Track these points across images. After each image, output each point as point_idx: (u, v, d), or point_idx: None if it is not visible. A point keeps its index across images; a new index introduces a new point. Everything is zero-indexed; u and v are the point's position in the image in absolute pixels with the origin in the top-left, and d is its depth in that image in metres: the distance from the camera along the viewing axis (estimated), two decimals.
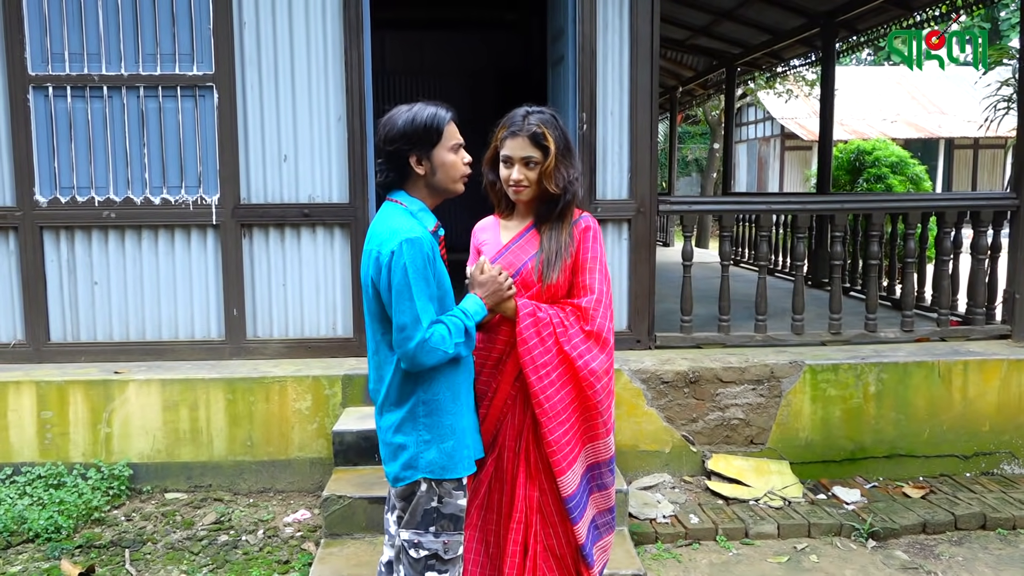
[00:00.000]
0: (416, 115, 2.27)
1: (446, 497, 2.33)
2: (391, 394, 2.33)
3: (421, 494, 2.33)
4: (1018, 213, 5.13)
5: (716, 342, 5.00)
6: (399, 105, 2.32)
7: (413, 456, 2.31)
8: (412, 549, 2.34)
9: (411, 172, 2.31)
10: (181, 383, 4.41)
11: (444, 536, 2.35)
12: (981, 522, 4.09)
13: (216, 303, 4.73)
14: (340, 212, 4.68)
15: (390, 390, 2.32)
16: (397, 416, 2.32)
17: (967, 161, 24.52)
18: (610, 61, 4.78)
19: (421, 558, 2.33)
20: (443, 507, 2.34)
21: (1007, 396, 4.74)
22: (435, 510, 2.33)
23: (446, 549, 2.35)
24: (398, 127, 2.26)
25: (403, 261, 2.17)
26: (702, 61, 11.33)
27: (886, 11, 7.49)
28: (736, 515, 4.11)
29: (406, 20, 9.52)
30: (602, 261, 2.53)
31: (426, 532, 2.33)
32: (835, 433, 4.66)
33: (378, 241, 2.24)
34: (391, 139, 2.26)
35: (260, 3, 4.59)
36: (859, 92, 24.54)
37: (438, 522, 2.34)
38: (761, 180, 26.65)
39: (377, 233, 2.26)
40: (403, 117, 2.27)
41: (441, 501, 2.33)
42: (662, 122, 16.02)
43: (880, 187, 10.52)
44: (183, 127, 4.62)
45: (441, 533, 2.34)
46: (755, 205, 6.21)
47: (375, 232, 2.28)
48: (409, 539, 2.34)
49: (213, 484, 4.45)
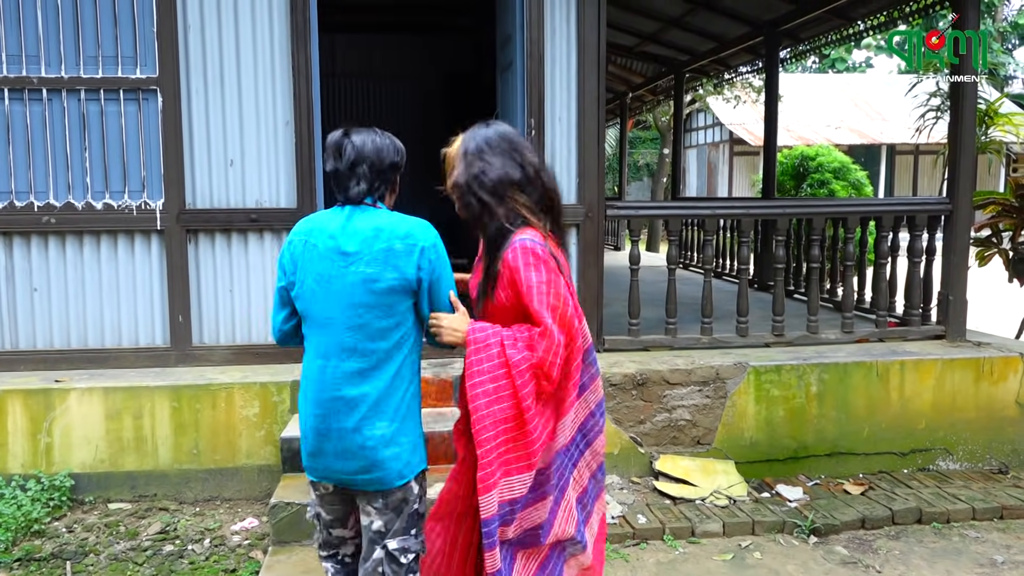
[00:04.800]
0: (399, 145, 2.42)
1: (425, 491, 2.40)
2: (384, 402, 2.28)
3: (413, 498, 2.35)
4: (951, 218, 5.32)
5: (664, 345, 5.09)
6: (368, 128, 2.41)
7: (407, 463, 2.31)
8: (402, 556, 2.34)
9: (393, 190, 2.45)
10: (125, 391, 4.34)
11: (420, 534, 2.40)
12: (917, 517, 4.23)
13: (161, 309, 4.66)
14: (288, 217, 4.64)
15: (383, 397, 2.27)
16: (390, 428, 2.28)
17: (908, 166, 25.24)
18: (558, 67, 4.84)
19: (408, 563, 2.35)
20: (421, 505, 2.39)
21: (941, 395, 4.90)
22: (416, 510, 2.38)
23: (423, 546, 2.40)
24: (395, 151, 2.39)
25: (442, 249, 2.33)
26: (651, 67, 11.50)
27: (827, 21, 7.70)
28: (683, 514, 4.18)
29: (357, 24, 9.49)
30: (548, 288, 2.21)
31: (410, 535, 2.36)
32: (779, 432, 4.77)
33: (403, 234, 2.28)
34: (394, 163, 2.38)
35: (205, 6, 4.54)
36: (805, 99, 25.13)
37: (418, 522, 2.39)
38: (711, 184, 27.09)
39: (392, 227, 2.29)
40: (394, 145, 2.40)
41: (421, 500, 2.39)
42: (613, 127, 16.20)
43: (823, 192, 10.82)
44: (126, 131, 4.55)
45: (420, 532, 2.40)
46: (700, 210, 6.33)
47: (386, 227, 2.29)
48: (398, 547, 2.34)
49: (158, 493, 4.38)
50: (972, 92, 5.32)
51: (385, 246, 2.26)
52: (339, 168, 2.34)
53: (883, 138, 24.14)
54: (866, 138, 24.27)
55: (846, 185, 11.11)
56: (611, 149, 21.42)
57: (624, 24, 9.18)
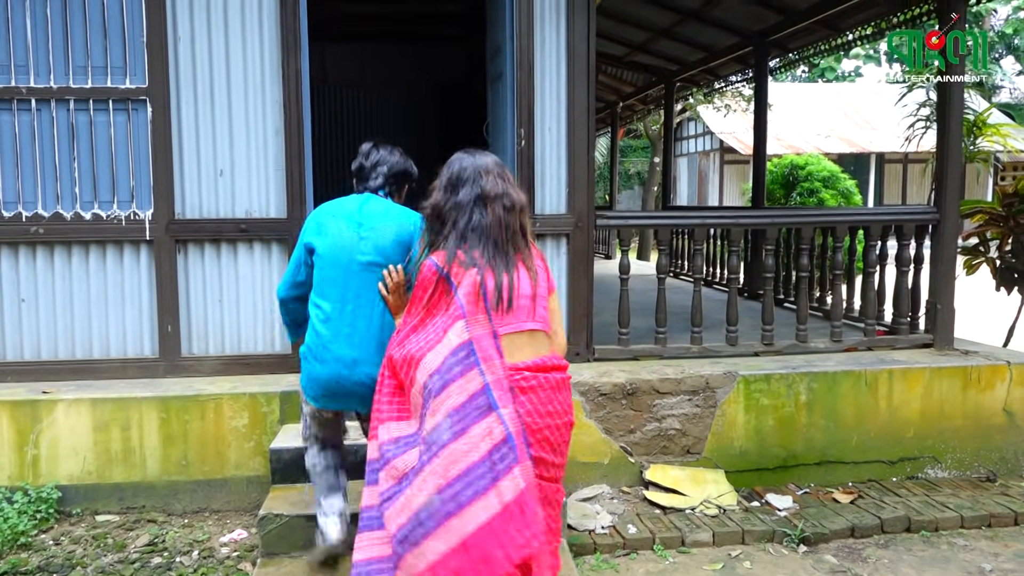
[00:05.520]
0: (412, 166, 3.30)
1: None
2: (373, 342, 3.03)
3: None
4: (938, 227, 5.35)
5: (653, 354, 5.10)
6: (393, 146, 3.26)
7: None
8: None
9: (400, 194, 3.30)
10: (113, 402, 4.32)
11: None
12: (906, 525, 4.24)
13: (150, 320, 4.64)
14: (278, 227, 4.65)
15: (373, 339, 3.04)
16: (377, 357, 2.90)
17: (897, 175, 25.38)
18: (548, 78, 4.85)
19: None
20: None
21: (929, 403, 4.92)
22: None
23: None
24: (409, 166, 3.27)
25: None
26: (641, 77, 11.54)
27: (815, 31, 7.75)
28: (673, 524, 4.18)
29: (349, 33, 9.51)
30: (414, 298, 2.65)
31: None
32: (768, 441, 4.78)
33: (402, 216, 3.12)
34: (405, 171, 3.26)
35: (195, 18, 4.54)
36: (795, 108, 25.27)
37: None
38: (701, 193, 27.20)
39: (394, 213, 3.12)
40: (409, 162, 3.28)
41: None
42: (604, 136, 16.23)
43: (813, 200, 10.88)
44: (115, 141, 4.54)
45: None
46: (690, 220, 6.35)
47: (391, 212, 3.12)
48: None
49: (147, 505, 4.36)
50: (959, 102, 5.36)
51: (390, 222, 3.08)
52: (364, 165, 3.21)
53: (872, 147, 24.28)
54: (855, 147, 24.41)
55: (835, 194, 11.17)
56: (602, 158, 21.47)
57: (614, 34, 9.23)
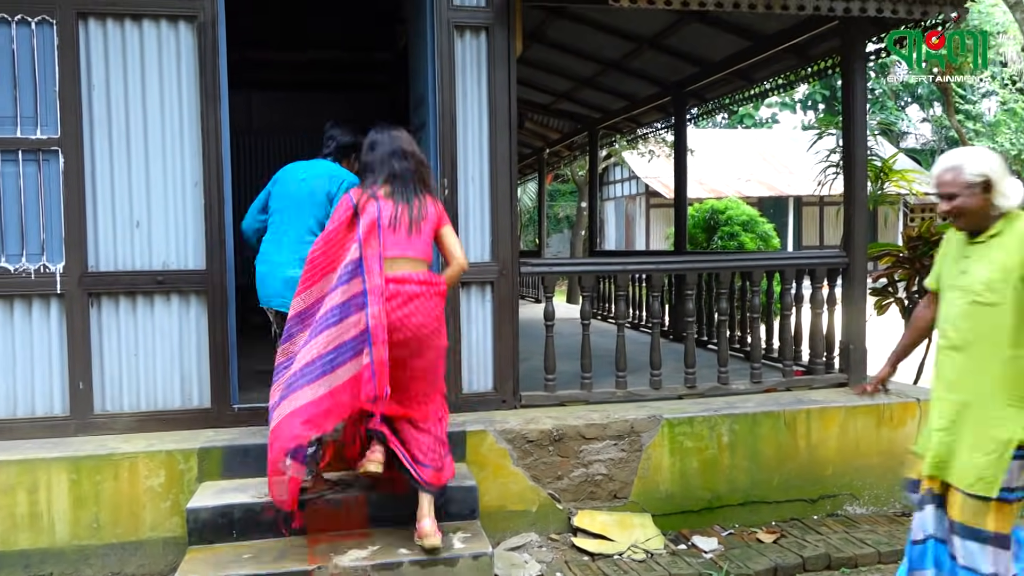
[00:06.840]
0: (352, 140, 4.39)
1: None
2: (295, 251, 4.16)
3: None
4: (848, 270, 5.58)
5: (579, 399, 5.14)
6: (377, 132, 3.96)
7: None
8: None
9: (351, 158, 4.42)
10: (18, 464, 4.12)
11: None
12: (827, 563, 4.34)
13: (60, 377, 4.47)
14: (196, 279, 4.56)
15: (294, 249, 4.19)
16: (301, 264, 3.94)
17: (814, 217, 26.41)
18: (470, 128, 4.92)
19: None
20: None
21: (846, 441, 5.08)
22: None
23: None
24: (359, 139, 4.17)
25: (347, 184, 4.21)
26: (567, 124, 11.79)
27: (731, 82, 8.07)
28: (601, 571, 4.18)
29: (273, 81, 9.48)
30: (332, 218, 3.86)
31: None
32: (693, 484, 4.85)
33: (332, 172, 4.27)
34: (348, 144, 4.39)
35: (111, 67, 4.47)
36: (717, 153, 26.14)
37: None
38: (628, 236, 27.73)
39: (330, 169, 4.29)
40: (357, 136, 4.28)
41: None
42: (532, 181, 16.49)
43: (733, 244, 11.20)
44: (25, 193, 4.40)
45: None
46: (611, 267, 6.45)
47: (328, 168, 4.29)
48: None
49: (55, 572, 4.14)
50: (862, 153, 5.63)
51: (324, 174, 4.24)
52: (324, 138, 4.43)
53: (790, 190, 25.24)
54: (774, 190, 25.33)
55: (755, 237, 11.54)
56: (531, 202, 21.76)
57: (539, 83, 9.43)
